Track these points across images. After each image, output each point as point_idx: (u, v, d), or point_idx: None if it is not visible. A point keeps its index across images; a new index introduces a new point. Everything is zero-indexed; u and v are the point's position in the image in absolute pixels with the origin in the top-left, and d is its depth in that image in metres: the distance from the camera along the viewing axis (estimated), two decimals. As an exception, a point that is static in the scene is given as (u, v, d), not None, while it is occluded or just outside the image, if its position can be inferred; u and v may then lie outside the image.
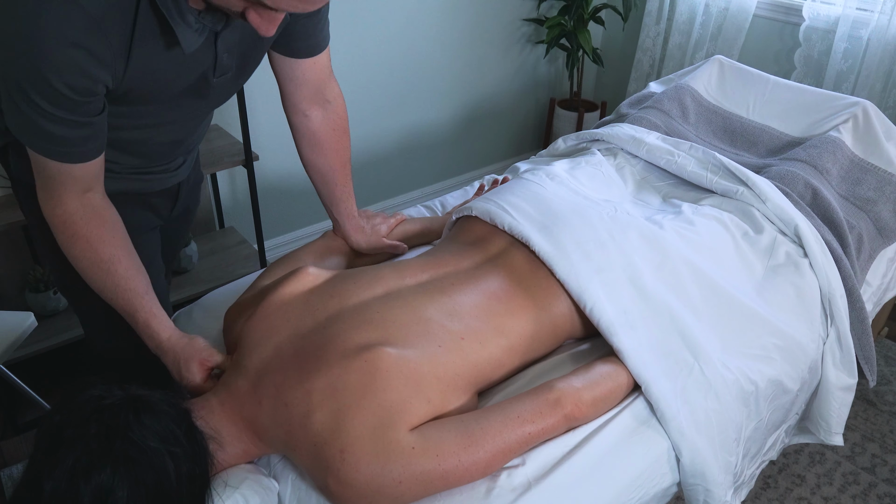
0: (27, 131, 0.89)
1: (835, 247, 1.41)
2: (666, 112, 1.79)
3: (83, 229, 0.96)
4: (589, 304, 1.11)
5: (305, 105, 1.20)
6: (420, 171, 2.89)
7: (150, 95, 0.96)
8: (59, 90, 0.83)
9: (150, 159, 1.13)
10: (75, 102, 0.86)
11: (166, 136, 1.09)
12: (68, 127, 0.88)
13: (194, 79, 0.98)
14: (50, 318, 1.94)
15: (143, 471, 0.77)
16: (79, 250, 0.97)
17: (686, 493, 1.07)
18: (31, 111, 0.85)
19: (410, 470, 0.86)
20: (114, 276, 0.98)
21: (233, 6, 0.82)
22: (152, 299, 1.02)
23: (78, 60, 0.82)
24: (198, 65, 0.96)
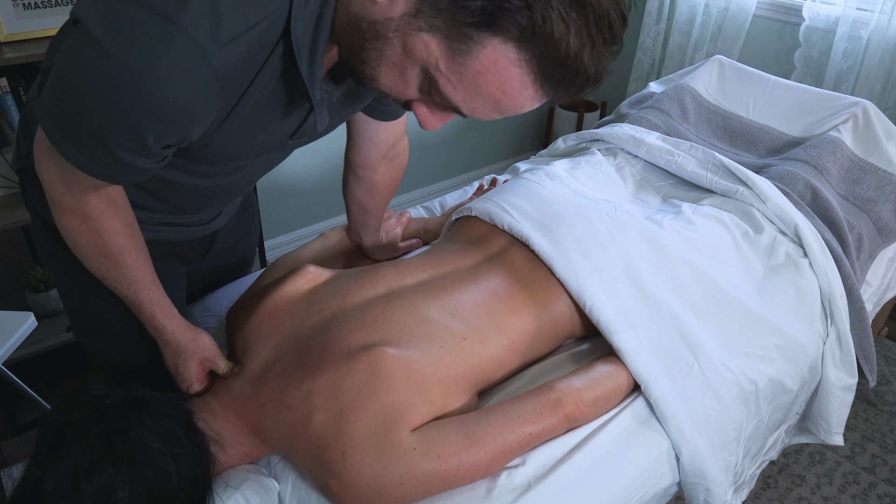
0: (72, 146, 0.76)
1: (835, 247, 1.41)
2: (666, 112, 1.79)
3: (95, 220, 0.87)
4: (588, 303, 1.11)
5: (375, 162, 1.18)
6: (420, 171, 2.89)
7: (221, 154, 0.87)
8: (146, 143, 0.73)
9: (181, 208, 1.05)
10: (151, 153, 0.76)
11: (212, 190, 1.01)
12: (125, 166, 0.77)
13: (273, 141, 0.89)
14: (50, 318, 1.94)
15: (145, 471, 0.77)
16: (86, 239, 0.88)
17: (686, 493, 1.07)
18: (91, 141, 0.74)
19: (411, 471, 0.86)
20: (121, 268, 0.91)
21: (404, 94, 0.72)
22: (158, 289, 0.96)
23: (183, 119, 0.71)
24: (282, 130, 0.87)
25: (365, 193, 1.25)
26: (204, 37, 0.66)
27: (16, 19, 1.62)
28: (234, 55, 0.69)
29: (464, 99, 0.69)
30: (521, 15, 0.61)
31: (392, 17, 0.66)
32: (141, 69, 0.66)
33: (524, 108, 0.70)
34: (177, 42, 0.65)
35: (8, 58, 1.54)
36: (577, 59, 0.64)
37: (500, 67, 0.65)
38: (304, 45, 0.72)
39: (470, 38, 0.64)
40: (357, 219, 1.32)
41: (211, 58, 0.67)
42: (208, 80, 0.69)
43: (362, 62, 0.70)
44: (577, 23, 0.62)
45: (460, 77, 0.66)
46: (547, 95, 0.68)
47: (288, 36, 0.71)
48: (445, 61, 0.66)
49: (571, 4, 0.62)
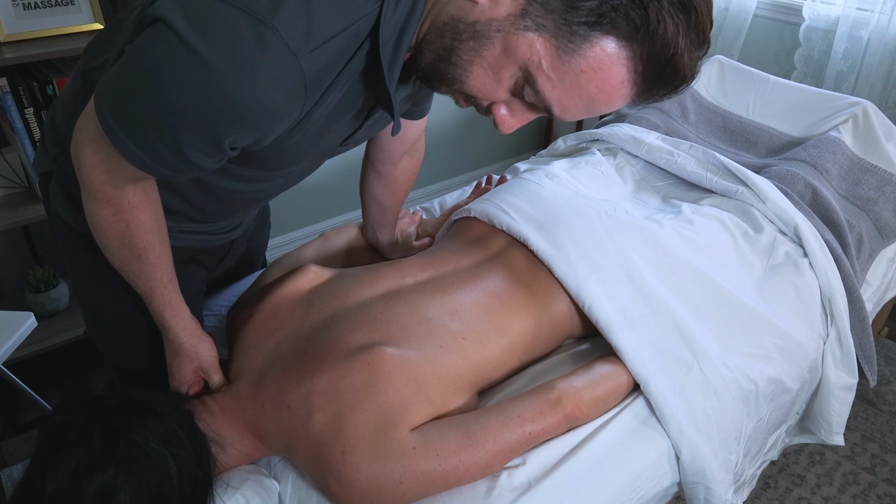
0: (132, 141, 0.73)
1: (834, 246, 1.41)
2: (666, 112, 1.79)
3: (128, 213, 0.85)
4: (587, 303, 1.11)
5: (398, 158, 1.20)
6: (420, 171, 2.88)
7: (281, 158, 0.86)
8: (221, 145, 0.71)
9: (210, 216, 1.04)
10: (222, 154, 0.74)
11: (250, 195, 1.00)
12: (183, 163, 0.75)
13: (325, 146, 0.89)
14: (50, 318, 1.94)
15: (146, 472, 0.77)
16: (114, 231, 0.86)
17: (686, 492, 1.07)
18: (157, 139, 0.72)
19: (411, 470, 0.86)
20: (142, 263, 0.90)
21: (491, 96, 0.73)
22: (174, 288, 0.96)
23: (267, 124, 0.70)
24: (339, 135, 0.87)
25: (385, 190, 1.26)
26: (296, 40, 0.65)
27: (16, 19, 1.62)
28: (322, 59, 0.69)
29: (559, 97, 0.70)
30: (636, 14, 0.63)
31: (495, 17, 0.67)
32: (234, 71, 0.64)
33: (613, 108, 0.71)
34: (271, 45, 0.64)
35: (8, 58, 1.54)
36: (681, 59, 0.66)
37: (605, 66, 0.66)
38: (387, 49, 0.72)
39: (580, 37, 0.65)
40: (374, 217, 1.33)
41: (301, 61, 0.66)
42: (297, 85, 0.68)
43: (451, 64, 0.71)
44: (684, 25, 0.64)
45: (562, 76, 0.68)
46: (639, 96, 0.70)
47: (375, 38, 0.71)
48: (549, 60, 0.67)
49: (679, 7, 0.64)
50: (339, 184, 2.61)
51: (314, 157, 0.93)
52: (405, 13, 0.72)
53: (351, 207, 2.71)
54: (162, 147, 0.72)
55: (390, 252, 1.38)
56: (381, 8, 0.70)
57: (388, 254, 1.39)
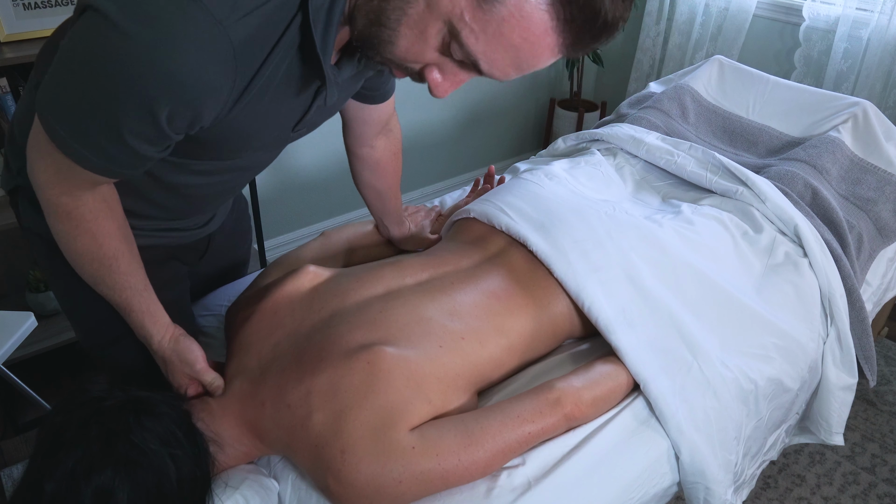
0: (76, 142, 0.75)
1: (834, 246, 1.41)
2: (666, 112, 1.79)
3: (90, 223, 0.86)
4: (587, 303, 1.11)
5: (373, 139, 1.22)
6: (420, 171, 2.89)
7: (226, 145, 0.86)
8: (159, 123, 0.72)
9: (178, 213, 1.05)
10: (161, 135, 0.75)
11: (209, 188, 1.00)
12: (128, 155, 0.76)
13: (277, 131, 0.89)
14: (50, 318, 1.94)
15: (144, 473, 0.77)
16: (80, 244, 0.87)
17: (686, 492, 1.07)
18: (99, 131, 0.73)
19: (410, 470, 0.86)
20: (114, 273, 0.91)
21: (420, 57, 0.73)
22: (150, 295, 0.96)
23: (198, 94, 0.70)
24: (288, 118, 0.87)
25: (372, 174, 1.27)
26: (221, 8, 0.67)
27: (16, 19, 1.62)
28: (250, 28, 0.70)
29: (485, 50, 0.70)
30: None
31: None
32: (159, 43, 0.66)
33: (542, 60, 0.71)
34: (194, 13, 0.66)
35: (8, 58, 1.54)
36: (600, 2, 0.66)
37: (526, 12, 0.67)
38: (319, 19, 0.73)
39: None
40: (375, 207, 1.33)
41: (228, 30, 0.68)
42: (224, 54, 0.69)
43: (381, 26, 0.71)
44: None
45: (484, 26, 0.68)
46: (566, 46, 0.70)
47: (306, 8, 0.72)
48: (471, 10, 0.67)
49: None
50: (339, 183, 2.61)
51: (266, 144, 0.93)
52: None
53: (351, 207, 2.71)
54: (101, 138, 0.74)
55: (403, 243, 1.39)
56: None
57: (401, 245, 1.40)
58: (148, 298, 0.96)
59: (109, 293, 0.93)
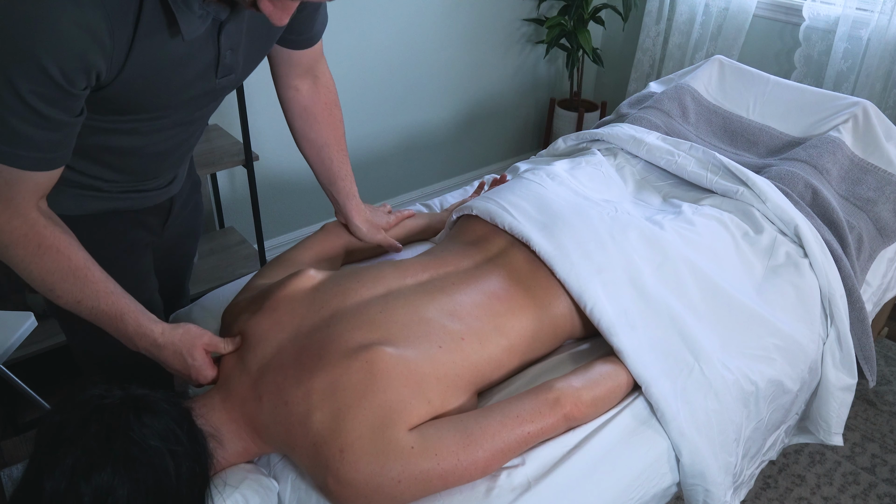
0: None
1: (835, 247, 1.41)
2: (666, 112, 1.79)
3: (50, 238, 0.86)
4: (589, 304, 1.11)
5: (296, 81, 1.21)
6: (420, 171, 2.89)
7: (146, 95, 0.89)
8: (50, 74, 0.74)
9: (141, 175, 1.07)
10: (63, 93, 0.77)
11: (160, 145, 1.02)
12: (42, 128, 0.79)
13: (193, 78, 0.92)
14: (50, 318, 1.94)
15: (144, 470, 0.77)
16: (49, 261, 0.87)
17: (686, 493, 1.07)
18: (6, 110, 0.76)
19: (409, 469, 0.86)
20: (92, 283, 0.91)
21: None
22: (132, 299, 0.96)
23: (77, 41, 0.74)
24: (199, 62, 0.90)
25: (303, 123, 1.24)
26: None
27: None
28: None
29: None
30: None
31: None
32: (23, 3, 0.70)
33: None
34: None
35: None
36: None
37: None
38: None
39: None
40: (317, 168, 1.29)
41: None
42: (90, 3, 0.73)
43: None
44: None
45: None
46: None
47: None
48: None
49: None
50: (339, 184, 2.60)
51: (193, 95, 0.95)
52: None
53: (351, 207, 2.71)
54: (18, 122, 0.77)
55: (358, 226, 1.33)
56: None
57: (354, 228, 1.33)
58: (131, 299, 0.96)
59: (94, 304, 0.92)
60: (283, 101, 1.24)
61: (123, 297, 0.95)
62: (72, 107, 0.81)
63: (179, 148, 1.09)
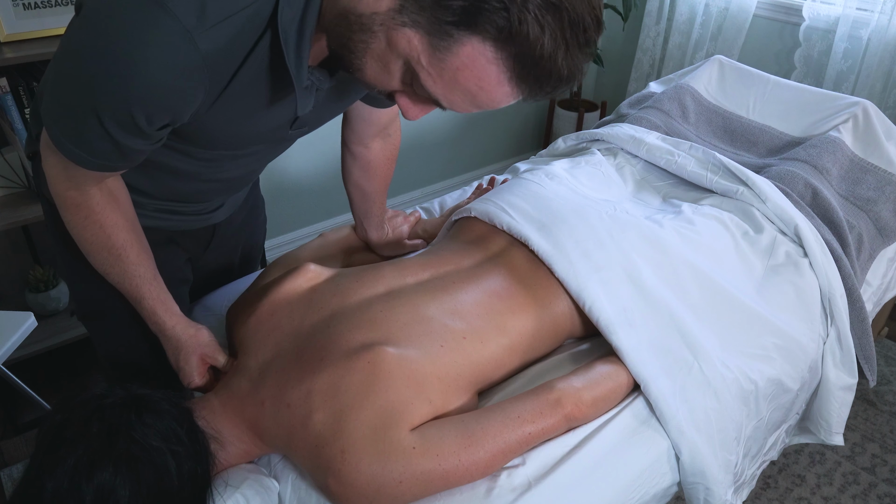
0: (69, 140, 0.79)
1: (835, 246, 1.41)
2: (666, 112, 1.79)
3: (98, 214, 0.89)
4: (588, 303, 1.11)
5: (369, 140, 1.22)
6: (420, 171, 2.89)
7: (216, 135, 0.89)
8: (137, 122, 0.75)
9: (183, 196, 1.07)
10: (145, 135, 0.78)
11: (211, 175, 1.02)
12: (119, 150, 0.80)
13: (268, 130, 0.91)
14: (50, 318, 1.94)
15: (145, 470, 0.77)
16: (90, 234, 0.90)
17: (686, 492, 1.07)
18: (86, 128, 0.76)
19: (411, 470, 0.86)
20: (123, 262, 0.93)
21: (387, 85, 0.74)
22: (160, 285, 0.99)
23: (171, 99, 0.74)
24: (278, 117, 0.89)
25: (362, 174, 1.27)
26: (190, 19, 0.68)
27: (16, 19, 1.62)
28: (220, 37, 0.71)
29: (443, 92, 0.71)
30: (499, 16, 0.64)
31: (378, 11, 0.68)
32: (127, 49, 0.68)
33: (500, 104, 0.73)
34: (163, 23, 0.68)
35: (8, 58, 1.54)
36: (552, 60, 0.67)
37: (478, 65, 0.67)
38: (290, 33, 0.74)
39: (450, 36, 0.66)
40: (359, 207, 1.33)
41: (197, 40, 0.69)
42: (193, 62, 0.71)
43: (350, 52, 0.72)
44: (553, 26, 0.65)
45: (440, 72, 0.69)
46: (522, 93, 0.71)
47: (275, 23, 0.74)
48: (426, 56, 0.68)
49: (547, 8, 0.64)
50: (338, 184, 2.59)
51: (262, 140, 0.95)
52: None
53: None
54: (92, 136, 0.77)
55: (380, 249, 1.39)
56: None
57: (378, 250, 1.39)
58: (158, 287, 0.98)
59: (119, 281, 0.96)
60: (351, 154, 1.25)
61: (149, 283, 0.97)
62: (152, 141, 0.82)
63: (232, 181, 1.09)
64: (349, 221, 1.43)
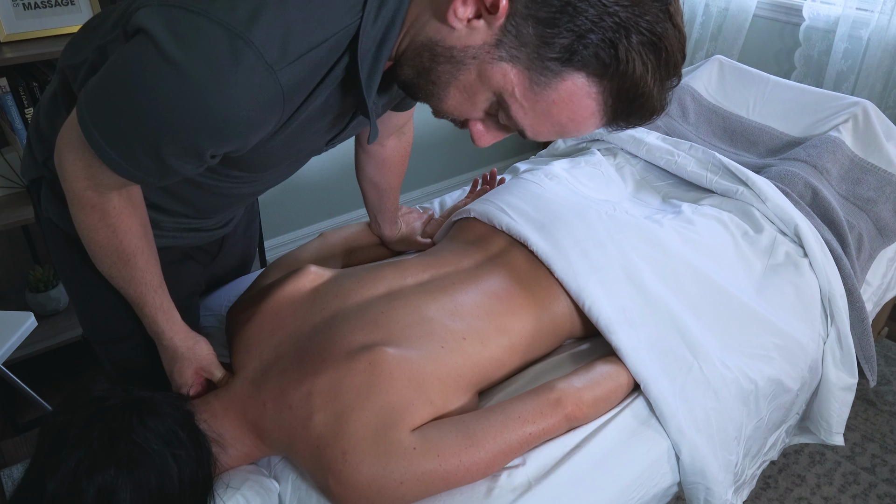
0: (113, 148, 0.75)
1: (835, 246, 1.41)
2: (666, 112, 1.78)
3: (114, 218, 0.87)
4: (587, 303, 1.11)
5: (385, 138, 1.23)
6: (420, 171, 2.89)
7: (265, 161, 0.88)
8: (201, 153, 0.73)
9: (205, 212, 1.05)
10: (201, 162, 0.76)
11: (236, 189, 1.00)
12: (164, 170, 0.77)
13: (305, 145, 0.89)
14: (50, 318, 1.94)
15: (146, 472, 0.77)
16: (101, 236, 0.88)
17: (686, 492, 1.07)
18: (138, 147, 0.73)
19: (412, 470, 0.86)
20: (131, 268, 0.92)
21: (467, 115, 0.75)
22: (164, 293, 0.97)
23: (243, 132, 0.71)
24: (322, 138, 0.88)
25: (376, 170, 1.28)
26: (272, 54, 0.66)
27: (16, 19, 1.62)
28: (299, 72, 0.70)
29: (532, 124, 0.72)
30: (606, 53, 0.64)
31: (471, 45, 0.68)
32: (210, 84, 0.65)
33: (584, 133, 0.74)
34: (246, 58, 0.65)
35: (8, 58, 1.54)
36: (649, 96, 0.68)
37: (576, 99, 0.68)
38: (366, 62, 0.73)
39: (551, 71, 0.67)
40: (373, 204, 1.34)
41: (278, 74, 0.67)
42: (273, 97, 0.69)
43: (432, 83, 0.73)
44: (653, 63, 0.66)
45: (534, 105, 0.70)
46: (609, 124, 0.72)
47: (354, 51, 0.72)
48: (522, 90, 0.69)
49: (650, 45, 0.65)
50: (339, 184, 2.61)
51: (299, 157, 0.95)
52: (384, 27, 0.72)
53: (351, 207, 2.71)
54: (144, 157, 0.74)
55: (393, 244, 1.40)
56: (360, 21, 0.71)
57: (392, 245, 1.41)
58: (162, 296, 0.96)
59: (124, 286, 0.94)
60: (365, 152, 1.26)
61: (153, 291, 0.95)
62: (201, 167, 0.79)
63: (255, 194, 1.09)
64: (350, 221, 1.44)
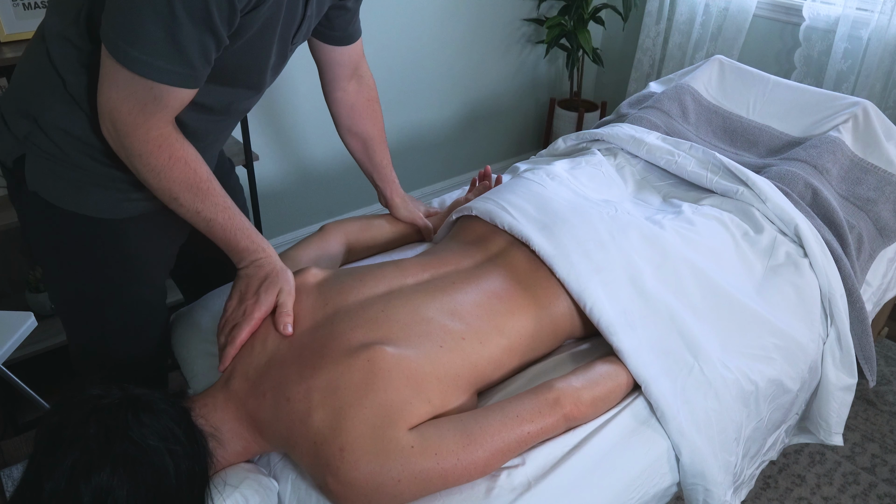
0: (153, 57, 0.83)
1: (835, 247, 1.41)
2: (666, 112, 1.79)
3: (180, 150, 0.92)
4: (589, 304, 1.11)
5: (344, 82, 1.32)
6: (420, 170, 2.89)
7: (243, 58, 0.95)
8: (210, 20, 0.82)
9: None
10: (217, 30, 0.84)
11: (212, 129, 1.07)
12: (204, 44, 0.85)
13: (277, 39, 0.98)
14: (50, 318, 1.94)
15: (143, 470, 0.77)
16: (177, 172, 0.93)
17: (686, 493, 1.07)
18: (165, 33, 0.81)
19: (409, 469, 0.86)
20: (212, 196, 0.96)
21: None
22: (245, 218, 1.03)
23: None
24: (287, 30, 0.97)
25: (350, 118, 1.35)
26: None
27: (16, 19, 1.62)
28: None
29: None
30: None
31: None
32: None
33: None
34: None
35: (8, 58, 1.54)
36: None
37: None
38: None
39: None
40: (363, 161, 1.40)
41: None
42: None
43: None
44: None
45: None
46: None
47: None
48: None
49: None
50: (339, 183, 2.61)
51: (271, 62, 1.02)
52: None
53: (351, 206, 2.71)
54: (167, 43, 0.82)
55: (398, 207, 1.44)
56: None
57: (395, 208, 1.44)
58: (245, 217, 1.02)
59: (213, 216, 0.98)
60: (332, 102, 1.35)
61: (239, 214, 1.01)
62: (219, 44, 0.87)
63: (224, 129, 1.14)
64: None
